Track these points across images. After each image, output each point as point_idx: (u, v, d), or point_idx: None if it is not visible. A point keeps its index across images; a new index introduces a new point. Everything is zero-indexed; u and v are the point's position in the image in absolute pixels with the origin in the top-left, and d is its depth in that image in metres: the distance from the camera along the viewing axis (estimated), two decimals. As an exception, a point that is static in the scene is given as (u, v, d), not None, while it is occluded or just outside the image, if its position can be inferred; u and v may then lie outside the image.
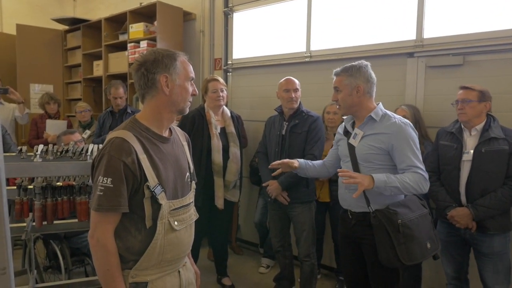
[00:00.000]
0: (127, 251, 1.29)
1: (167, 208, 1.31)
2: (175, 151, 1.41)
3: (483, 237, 2.16)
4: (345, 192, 2.02)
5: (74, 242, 2.71)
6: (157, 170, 1.29)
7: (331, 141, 3.06)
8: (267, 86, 3.73)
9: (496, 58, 2.55)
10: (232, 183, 3.03)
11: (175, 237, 1.34)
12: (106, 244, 1.24)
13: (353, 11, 3.21)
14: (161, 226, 1.29)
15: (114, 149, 1.23)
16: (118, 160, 1.21)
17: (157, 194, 1.27)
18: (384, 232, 1.77)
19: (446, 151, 2.29)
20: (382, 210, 1.81)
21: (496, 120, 2.21)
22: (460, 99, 2.22)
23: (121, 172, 1.21)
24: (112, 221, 1.25)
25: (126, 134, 1.27)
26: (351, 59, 3.06)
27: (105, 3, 5.61)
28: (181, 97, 1.36)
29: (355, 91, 1.91)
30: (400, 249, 1.74)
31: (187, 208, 1.41)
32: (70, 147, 1.93)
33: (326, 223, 3.23)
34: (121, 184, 1.22)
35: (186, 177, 1.44)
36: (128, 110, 3.82)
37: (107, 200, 1.20)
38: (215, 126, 2.98)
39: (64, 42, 5.31)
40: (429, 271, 2.80)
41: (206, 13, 4.20)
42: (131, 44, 4.22)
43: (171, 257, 1.35)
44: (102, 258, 1.25)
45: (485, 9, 2.58)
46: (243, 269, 3.58)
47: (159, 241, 1.29)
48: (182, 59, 1.36)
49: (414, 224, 1.80)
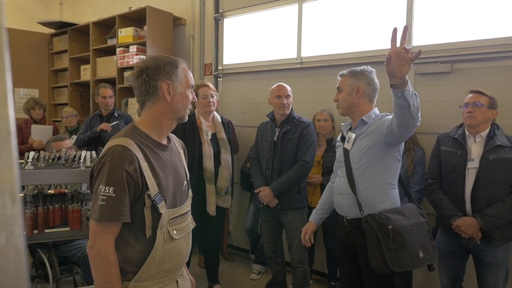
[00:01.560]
0: (125, 263, 1.26)
1: (166, 217, 1.29)
2: (173, 159, 1.40)
3: (488, 247, 2.12)
4: (339, 198, 2.03)
5: (62, 250, 2.65)
6: (157, 179, 1.27)
7: (323, 147, 3.10)
8: (258, 92, 3.74)
9: (483, 66, 2.62)
10: (224, 190, 3.01)
11: (174, 246, 1.32)
12: (107, 255, 1.21)
13: (344, 18, 3.26)
14: (160, 235, 1.27)
15: (116, 157, 1.20)
16: (121, 168, 1.19)
17: (158, 203, 1.25)
18: (375, 237, 1.77)
19: (449, 158, 2.22)
20: (374, 215, 1.81)
21: (500, 128, 2.18)
22: (471, 102, 2.14)
23: (124, 181, 1.19)
24: (113, 232, 1.22)
25: (127, 141, 1.24)
26: (342, 65, 3.12)
27: (92, 7, 5.54)
28: (182, 105, 1.34)
29: (355, 92, 1.93)
30: (389, 255, 1.73)
31: (185, 216, 1.40)
32: (62, 154, 1.89)
33: (318, 229, 3.23)
34: (124, 193, 1.19)
35: (184, 185, 1.42)
36: (115, 114, 3.77)
37: (109, 210, 1.17)
38: (206, 132, 2.97)
39: (50, 46, 5.23)
40: (421, 276, 2.83)
41: (196, 19, 4.20)
42: (120, 49, 4.18)
43: (170, 267, 1.33)
44: (103, 270, 1.21)
45: (472, 18, 2.65)
46: (235, 275, 3.56)
47: (158, 251, 1.27)
48: (183, 66, 1.35)
49: (406, 232, 1.77)
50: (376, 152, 1.86)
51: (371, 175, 1.88)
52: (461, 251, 2.26)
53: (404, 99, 1.55)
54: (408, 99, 1.55)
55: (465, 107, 2.18)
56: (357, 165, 1.92)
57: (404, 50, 1.49)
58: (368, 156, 1.88)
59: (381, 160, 1.87)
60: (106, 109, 3.76)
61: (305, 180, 2.80)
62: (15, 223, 0.34)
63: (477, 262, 2.23)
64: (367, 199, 1.88)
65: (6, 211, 0.33)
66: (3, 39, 0.37)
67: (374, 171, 1.88)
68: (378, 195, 1.89)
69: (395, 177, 1.94)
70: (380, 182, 1.89)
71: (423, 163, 2.62)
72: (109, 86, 3.82)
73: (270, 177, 2.76)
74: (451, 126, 2.48)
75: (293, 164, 2.71)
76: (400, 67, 1.50)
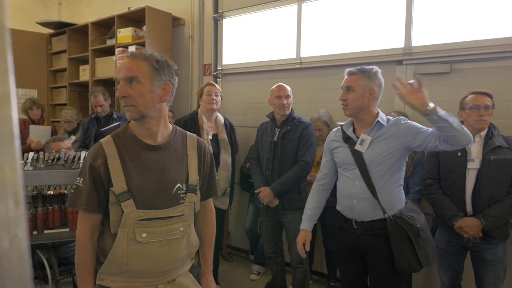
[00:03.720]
0: (100, 252, 1.32)
1: (134, 217, 1.26)
2: (164, 159, 1.34)
3: (487, 245, 2.14)
4: (354, 203, 1.94)
5: (61, 251, 2.63)
6: (129, 177, 1.27)
7: (322, 148, 3.08)
8: (257, 92, 3.74)
9: (482, 66, 2.62)
10: (222, 191, 3.01)
11: (142, 249, 1.28)
12: (79, 239, 1.30)
13: (343, 19, 3.26)
14: (122, 234, 1.26)
15: (89, 152, 1.33)
16: (87, 162, 1.30)
17: (121, 201, 1.26)
18: (405, 238, 1.79)
19: (449, 158, 2.21)
20: (400, 216, 1.82)
21: (496, 128, 2.19)
22: (483, 105, 2.10)
23: (89, 173, 1.28)
24: (88, 219, 1.30)
25: (107, 139, 1.33)
26: (341, 66, 3.11)
27: (91, 7, 5.53)
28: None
29: (368, 93, 1.87)
30: (421, 253, 1.79)
31: (166, 221, 1.31)
32: (61, 154, 1.89)
33: (317, 229, 3.24)
34: (88, 184, 1.27)
35: (174, 189, 1.34)
36: (114, 116, 3.73)
37: (74, 197, 1.29)
38: (207, 131, 2.97)
39: (49, 46, 5.22)
40: (420, 276, 2.83)
41: (195, 19, 4.19)
42: (119, 49, 4.17)
43: (138, 270, 1.29)
44: (76, 253, 1.31)
45: (471, 19, 2.66)
46: (234, 276, 3.56)
47: (119, 250, 1.26)
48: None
49: (427, 228, 1.89)
50: (396, 156, 1.85)
51: (389, 177, 1.87)
52: (460, 250, 2.27)
53: (442, 121, 1.63)
54: (446, 118, 1.62)
55: (474, 108, 2.13)
56: (377, 168, 1.87)
57: (408, 86, 1.65)
58: (390, 159, 1.86)
59: (398, 162, 1.88)
60: (102, 115, 3.73)
61: (305, 180, 2.80)
62: (19, 226, 0.34)
63: (475, 260, 2.24)
64: (386, 201, 1.87)
65: (10, 214, 0.33)
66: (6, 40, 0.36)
67: (391, 173, 1.88)
68: (394, 196, 1.90)
69: (403, 177, 1.96)
70: (395, 183, 1.90)
71: (423, 164, 2.61)
72: (99, 92, 3.67)
73: (270, 178, 2.76)
74: (450, 126, 2.48)
75: (293, 164, 2.71)
76: (415, 99, 1.64)
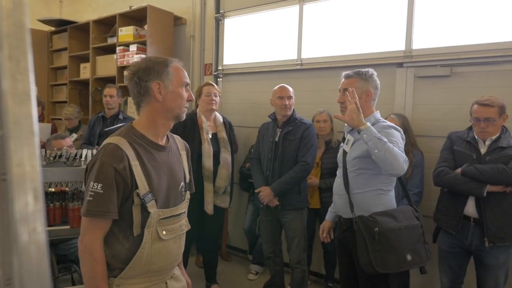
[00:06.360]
0: (113, 259, 1.28)
1: (156, 217, 1.29)
2: (170, 160, 1.39)
3: (490, 249, 2.13)
4: (335, 198, 2.07)
5: (61, 249, 2.65)
6: (149, 178, 1.28)
7: (322, 149, 3.11)
8: (258, 92, 3.75)
9: (482, 70, 2.64)
10: (222, 189, 3.02)
11: (163, 247, 1.32)
12: (93, 250, 1.23)
13: (345, 21, 3.27)
14: (148, 234, 1.28)
15: (106, 155, 1.23)
16: (110, 166, 1.21)
17: (147, 202, 1.26)
18: (362, 238, 1.81)
19: (464, 159, 2.22)
20: (363, 216, 1.84)
21: (508, 131, 2.20)
22: (483, 118, 2.12)
23: (112, 179, 1.21)
24: (101, 227, 1.25)
25: (120, 140, 1.27)
26: (342, 67, 3.13)
27: (92, 5, 5.53)
28: (176, 103, 1.34)
29: (364, 95, 1.94)
30: (375, 256, 1.76)
31: (177, 218, 1.39)
32: (63, 152, 1.90)
33: (316, 230, 3.25)
34: (111, 191, 1.21)
35: (180, 187, 1.42)
36: (120, 116, 3.74)
37: (96, 206, 1.20)
38: (206, 131, 2.98)
39: (50, 43, 5.22)
40: (418, 277, 2.84)
41: (197, 18, 4.20)
42: (120, 48, 4.18)
43: (158, 268, 1.33)
44: (88, 265, 1.24)
45: (472, 22, 2.67)
46: (232, 275, 3.57)
47: (145, 250, 1.28)
48: (174, 65, 1.36)
49: (393, 234, 1.79)
50: (373, 161, 1.81)
51: (365, 179, 1.90)
52: (463, 252, 2.28)
53: (374, 145, 1.72)
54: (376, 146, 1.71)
55: (475, 120, 2.17)
56: (352, 168, 1.94)
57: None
58: (365, 163, 1.89)
59: (376, 167, 1.83)
60: (108, 108, 3.74)
61: (305, 181, 2.81)
62: (38, 220, 0.35)
63: (477, 264, 2.25)
64: (360, 201, 1.91)
65: (29, 208, 0.34)
66: (26, 39, 0.38)
67: (368, 176, 1.90)
68: (371, 199, 1.91)
69: (390, 182, 1.95)
70: (373, 187, 1.91)
71: (422, 166, 2.63)
72: (114, 87, 3.81)
73: (271, 177, 2.77)
74: (450, 129, 2.50)
75: (293, 164, 2.72)
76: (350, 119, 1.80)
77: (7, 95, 0.35)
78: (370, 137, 1.72)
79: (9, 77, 0.35)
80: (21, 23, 0.36)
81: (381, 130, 1.85)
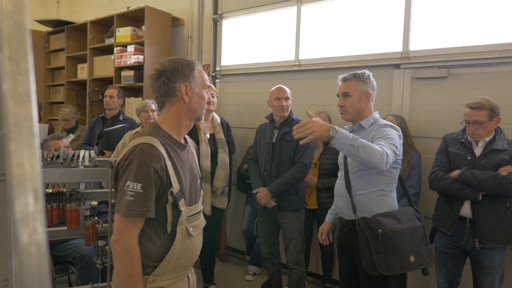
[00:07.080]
0: (145, 257, 1.31)
1: (185, 214, 1.34)
2: (189, 158, 1.46)
3: (485, 250, 2.16)
4: (337, 200, 2.06)
5: (58, 250, 2.64)
6: (179, 177, 1.33)
7: (320, 149, 3.11)
8: (256, 93, 3.75)
9: (479, 71, 2.65)
10: (220, 190, 3.02)
11: (190, 243, 1.38)
12: (132, 249, 1.25)
13: (342, 22, 3.28)
14: (180, 232, 1.33)
15: (144, 154, 1.25)
16: (149, 165, 1.24)
17: (179, 200, 1.31)
18: (365, 240, 1.80)
19: (459, 161, 2.24)
20: (366, 218, 1.83)
21: (503, 132, 2.21)
22: (471, 121, 2.14)
23: (151, 178, 1.24)
24: (138, 226, 1.27)
25: (153, 140, 1.29)
26: (339, 69, 3.15)
27: (90, 6, 5.53)
28: (199, 105, 1.41)
29: (364, 97, 1.94)
30: (378, 258, 1.75)
31: (199, 214, 1.46)
32: (60, 153, 1.89)
33: (314, 231, 3.26)
34: (150, 190, 1.24)
35: (198, 184, 1.49)
36: (120, 117, 3.75)
37: (137, 206, 1.22)
38: (204, 131, 2.98)
39: (47, 44, 5.21)
40: (416, 279, 2.85)
41: (195, 19, 4.20)
42: (117, 48, 4.17)
43: (185, 263, 1.39)
44: (126, 264, 1.25)
45: (469, 24, 2.69)
46: (230, 276, 3.57)
47: (177, 247, 1.33)
48: (199, 68, 1.41)
49: (397, 236, 1.79)
50: None
51: (366, 181, 1.89)
52: (459, 253, 2.29)
53: (347, 150, 1.64)
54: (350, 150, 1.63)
55: (466, 123, 2.19)
56: (353, 170, 1.93)
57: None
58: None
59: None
60: (108, 109, 3.74)
61: (303, 182, 2.81)
62: (37, 221, 0.35)
63: (473, 265, 2.27)
64: (362, 203, 1.90)
65: (29, 209, 0.34)
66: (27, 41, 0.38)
67: (369, 177, 1.89)
68: (373, 200, 1.90)
69: (392, 183, 1.94)
70: (375, 188, 1.90)
71: (419, 167, 2.64)
72: (115, 88, 3.83)
73: (268, 178, 2.78)
74: (447, 131, 2.51)
75: (291, 165, 2.73)
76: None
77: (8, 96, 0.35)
78: (341, 145, 1.65)
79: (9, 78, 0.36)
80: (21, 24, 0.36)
81: (377, 129, 1.86)
